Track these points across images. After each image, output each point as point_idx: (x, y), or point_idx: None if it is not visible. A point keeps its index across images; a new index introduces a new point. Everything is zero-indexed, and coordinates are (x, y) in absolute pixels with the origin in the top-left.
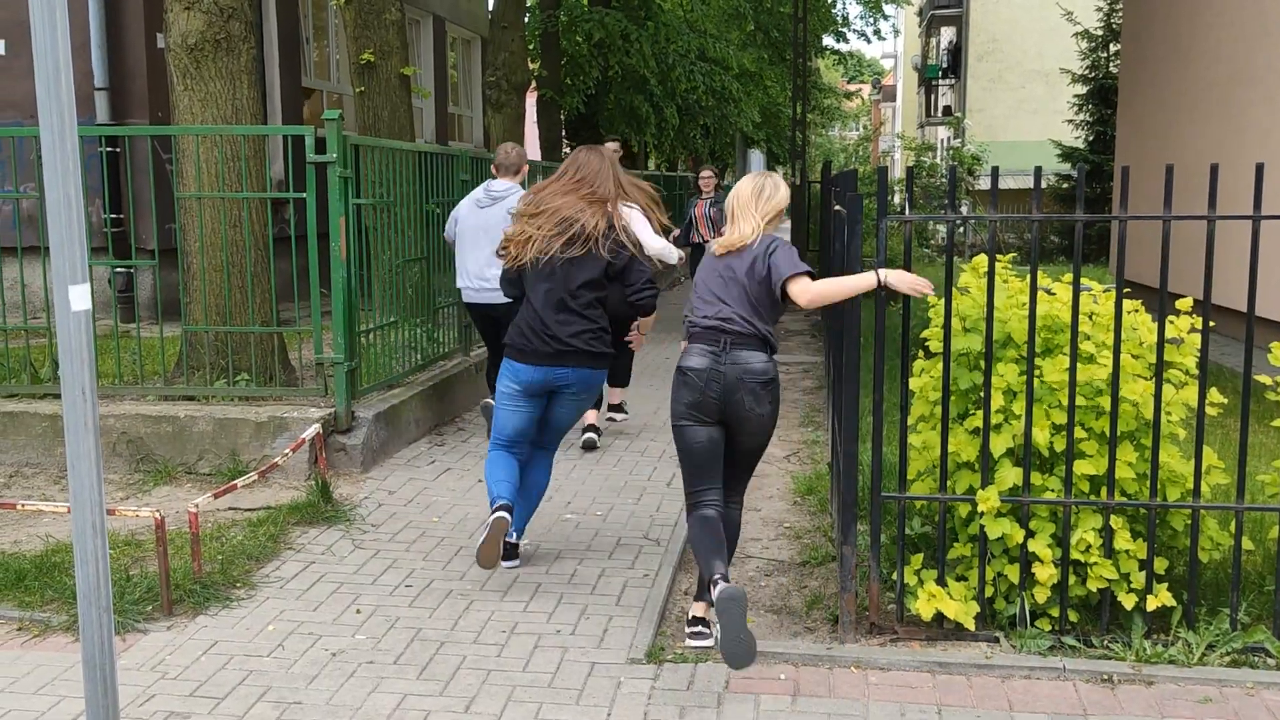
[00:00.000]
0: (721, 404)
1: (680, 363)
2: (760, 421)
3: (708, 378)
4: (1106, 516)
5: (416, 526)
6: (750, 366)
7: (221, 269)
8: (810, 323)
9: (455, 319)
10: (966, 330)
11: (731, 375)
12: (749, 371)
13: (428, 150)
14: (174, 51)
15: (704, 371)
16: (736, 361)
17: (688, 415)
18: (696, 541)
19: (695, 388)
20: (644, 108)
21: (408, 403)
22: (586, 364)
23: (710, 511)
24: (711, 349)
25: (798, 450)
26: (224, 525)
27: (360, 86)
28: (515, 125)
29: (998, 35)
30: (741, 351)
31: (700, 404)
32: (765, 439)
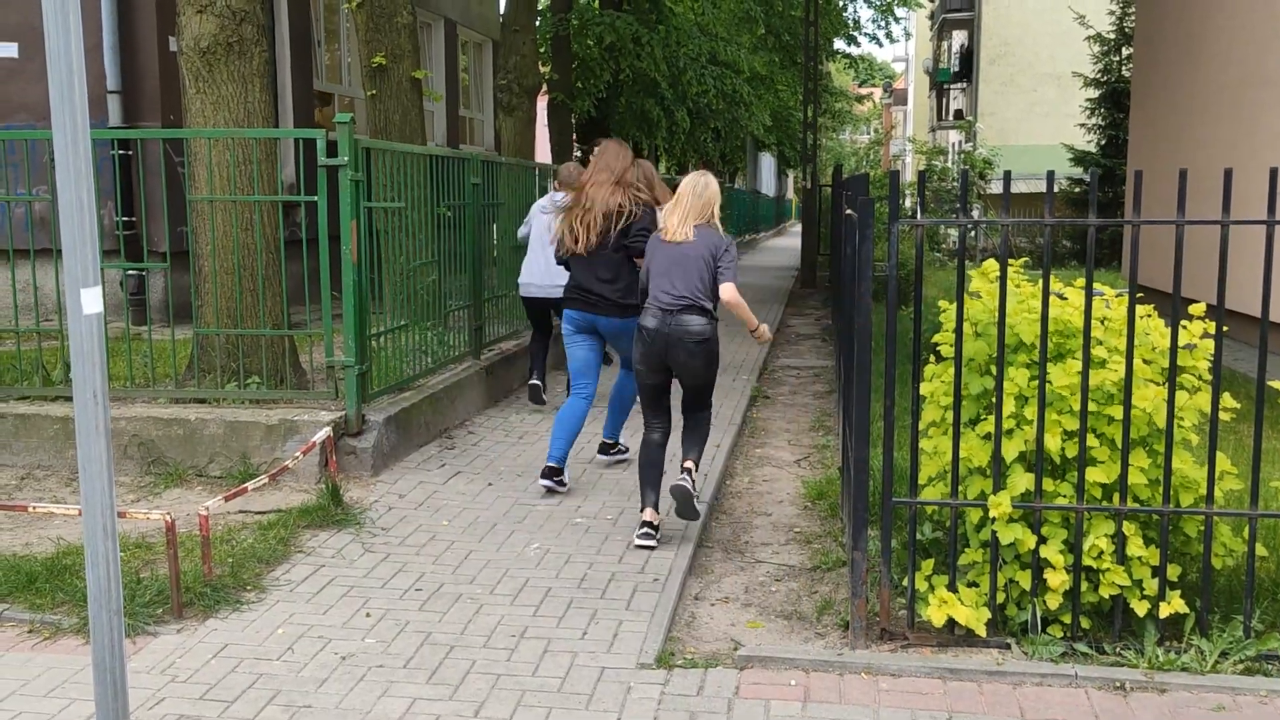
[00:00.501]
0: (664, 356)
1: (640, 321)
2: (695, 370)
3: (654, 336)
4: (1119, 523)
5: (427, 530)
6: (690, 328)
7: (233, 271)
8: (821, 326)
9: (466, 322)
10: (977, 335)
11: (674, 335)
12: (688, 332)
13: (438, 153)
14: (186, 55)
15: (653, 331)
16: (680, 324)
17: (641, 363)
18: (641, 461)
19: (646, 343)
20: (655, 111)
21: (418, 406)
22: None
23: (656, 436)
24: (663, 314)
25: (808, 455)
26: (234, 528)
27: (372, 90)
28: (526, 128)
29: (1009, 39)
30: (684, 315)
31: (647, 355)
32: (704, 382)
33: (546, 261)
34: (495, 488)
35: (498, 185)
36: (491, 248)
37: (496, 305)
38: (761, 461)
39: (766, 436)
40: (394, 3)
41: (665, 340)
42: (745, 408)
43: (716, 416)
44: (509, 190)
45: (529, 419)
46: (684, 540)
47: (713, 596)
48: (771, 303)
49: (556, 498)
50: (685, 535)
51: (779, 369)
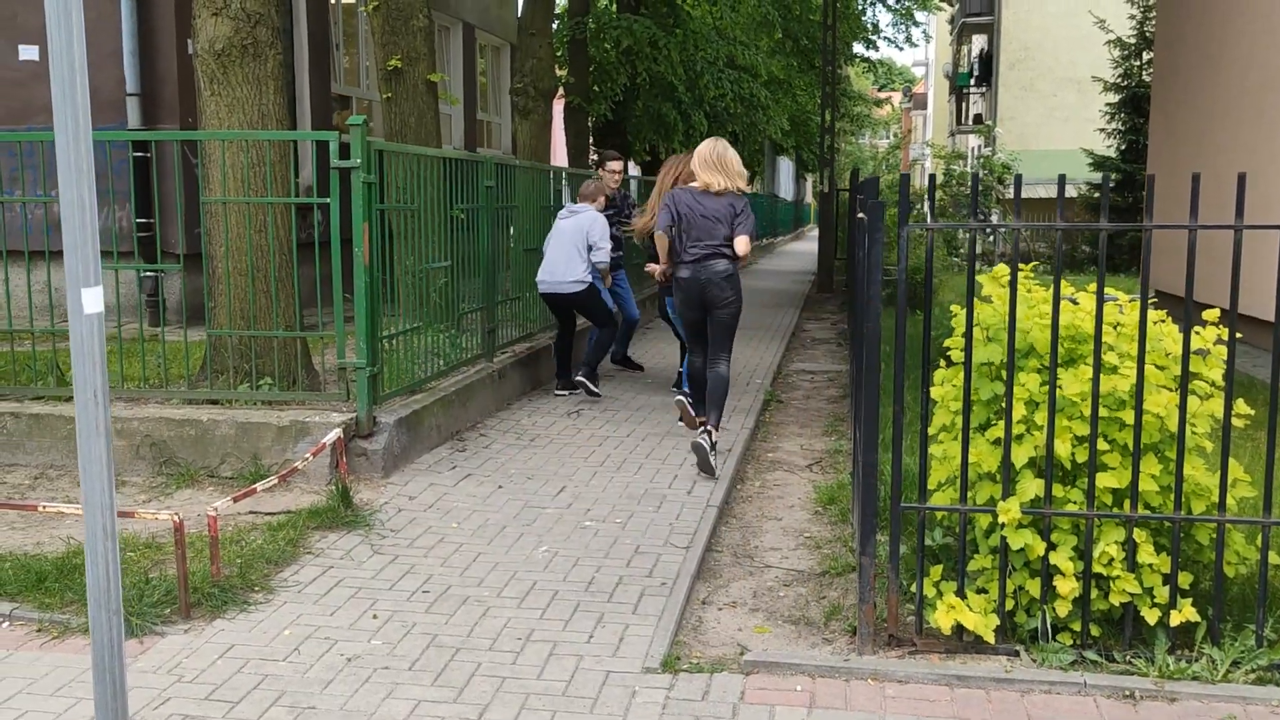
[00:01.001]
0: (702, 296)
1: (676, 274)
2: (726, 303)
3: (690, 282)
4: (1130, 530)
5: (436, 532)
6: (717, 269)
7: (246, 273)
8: (837, 331)
9: (479, 325)
10: (988, 340)
11: (704, 277)
12: (716, 273)
13: (452, 156)
14: (201, 57)
15: (690, 280)
16: (709, 270)
17: (685, 306)
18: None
19: (685, 289)
20: (672, 115)
21: (430, 408)
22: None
23: (697, 361)
24: (695, 265)
25: (820, 459)
26: (244, 529)
27: (388, 93)
28: (543, 132)
29: (1029, 43)
30: (711, 262)
31: (688, 300)
32: (731, 315)
33: (554, 260)
34: (506, 490)
35: (513, 188)
36: (506, 250)
37: (510, 308)
38: (773, 465)
39: (779, 440)
40: (410, 5)
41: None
42: (758, 411)
43: (728, 420)
44: (524, 193)
45: (540, 421)
46: (692, 544)
47: (720, 601)
48: (788, 307)
49: (566, 500)
50: (694, 540)
51: (793, 374)
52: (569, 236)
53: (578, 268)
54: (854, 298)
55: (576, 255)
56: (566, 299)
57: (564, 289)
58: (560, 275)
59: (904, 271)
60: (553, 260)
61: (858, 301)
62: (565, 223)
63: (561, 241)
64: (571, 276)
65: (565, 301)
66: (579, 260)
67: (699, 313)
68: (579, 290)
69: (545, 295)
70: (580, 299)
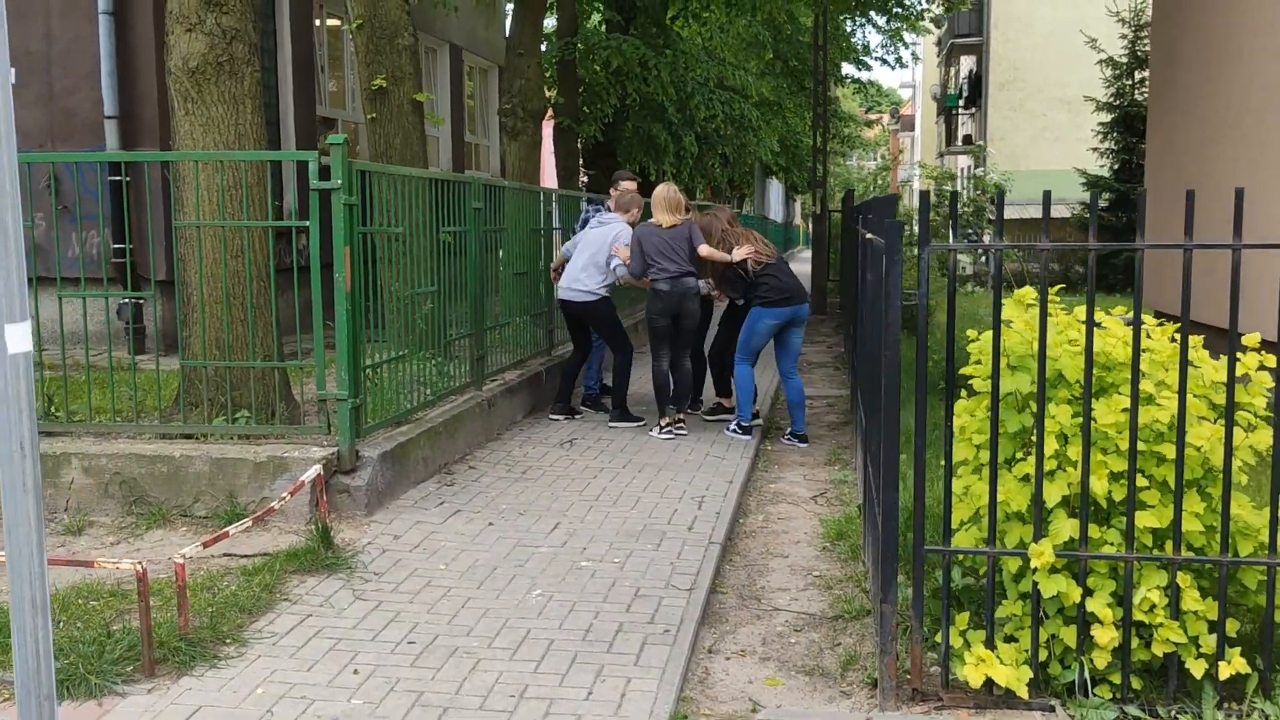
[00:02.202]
0: (677, 306)
1: (656, 287)
2: (693, 312)
3: (669, 294)
4: (1172, 573)
5: (422, 575)
6: (689, 285)
7: (222, 301)
8: (833, 354)
9: (468, 352)
10: (1012, 368)
11: (680, 291)
12: (689, 289)
13: (438, 177)
14: (175, 75)
15: (669, 293)
16: (684, 285)
17: (660, 314)
18: (655, 380)
19: (665, 299)
20: (662, 136)
21: (416, 441)
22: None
23: (664, 365)
24: (672, 280)
25: (825, 491)
26: (217, 573)
27: (372, 113)
28: (532, 153)
29: (1019, 63)
30: (685, 279)
31: (665, 309)
32: (697, 324)
33: (574, 268)
34: (496, 528)
35: (502, 210)
36: (495, 274)
37: (500, 334)
38: (776, 498)
39: (781, 470)
40: (395, 24)
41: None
42: (758, 441)
43: (728, 450)
44: (513, 215)
45: (532, 452)
46: (696, 586)
47: (728, 649)
48: None
49: (560, 538)
50: (697, 581)
51: None
52: (593, 247)
53: (594, 279)
54: (854, 321)
55: (595, 267)
56: (577, 309)
57: (576, 298)
58: (575, 284)
59: (925, 295)
60: (573, 268)
61: (859, 325)
62: (593, 233)
63: (585, 251)
64: (585, 287)
65: (577, 312)
66: (597, 272)
67: (670, 320)
68: (590, 301)
69: (561, 304)
70: (591, 312)
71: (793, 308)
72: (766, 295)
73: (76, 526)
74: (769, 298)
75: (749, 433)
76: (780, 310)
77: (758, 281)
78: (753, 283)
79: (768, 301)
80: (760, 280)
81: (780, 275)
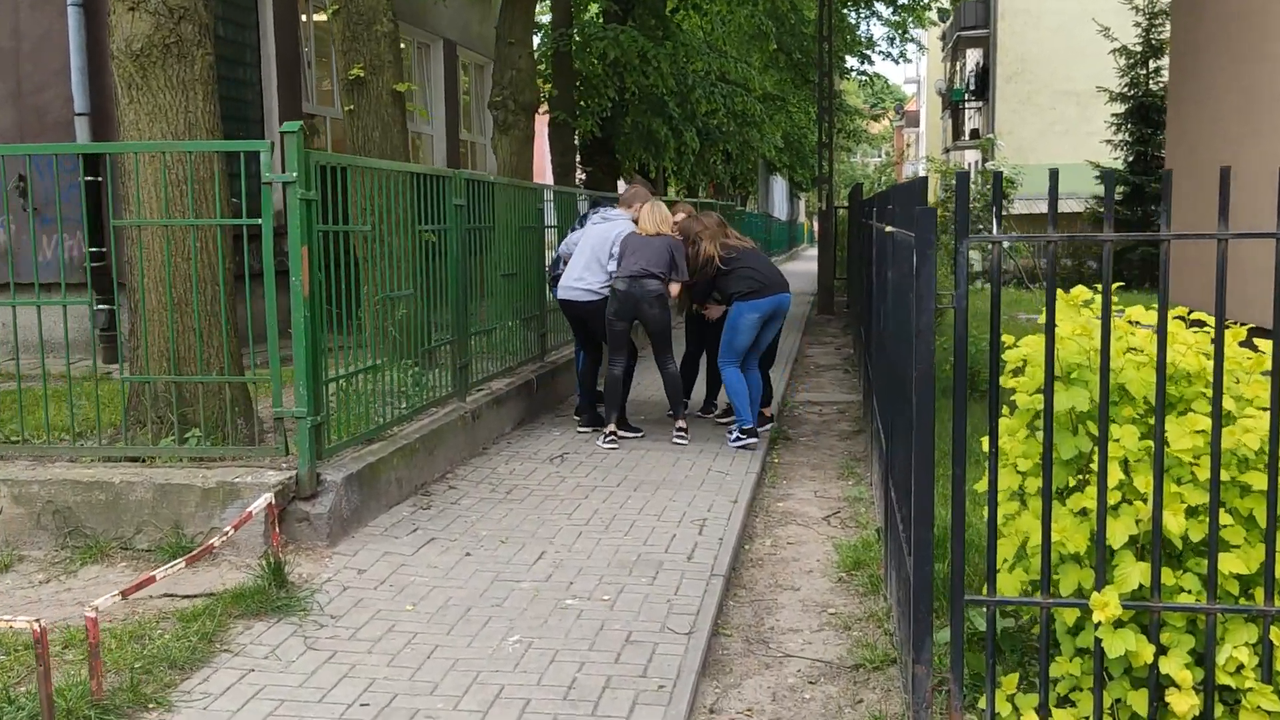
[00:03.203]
0: (634, 309)
1: (614, 286)
2: (654, 317)
3: (625, 295)
4: (1264, 627)
5: (385, 618)
6: (648, 288)
7: (173, 308)
8: (842, 356)
9: (450, 359)
10: (1067, 381)
11: (636, 294)
12: (647, 290)
13: (413, 170)
14: (118, 59)
15: (625, 294)
16: (643, 287)
17: (616, 315)
18: (609, 387)
19: (620, 299)
20: (662, 131)
21: (388, 460)
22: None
23: (618, 371)
24: (629, 280)
25: (838, 509)
26: (151, 620)
27: (349, 104)
28: (524, 148)
29: (1026, 56)
30: (645, 280)
31: (620, 310)
32: (660, 327)
33: (575, 264)
34: (474, 558)
35: (492, 207)
36: (480, 276)
37: (487, 340)
38: (785, 518)
39: (789, 486)
40: (373, 9)
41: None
42: (764, 451)
43: (732, 464)
44: (501, 213)
45: (519, 469)
46: (696, 628)
47: (732, 708)
48: (788, 331)
49: (544, 570)
50: (697, 622)
51: (799, 405)
52: (595, 243)
53: (598, 277)
54: (864, 321)
55: (598, 264)
56: (579, 308)
57: (579, 298)
58: (579, 283)
59: (964, 297)
60: (575, 267)
61: (875, 326)
62: (596, 228)
63: (586, 247)
64: (588, 286)
65: (578, 311)
66: (600, 270)
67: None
68: (591, 301)
69: (562, 304)
70: (591, 312)
71: (773, 297)
72: (744, 288)
73: (3, 563)
74: (746, 289)
75: (755, 436)
76: (761, 302)
77: (732, 274)
78: (726, 275)
79: (746, 294)
80: (734, 272)
81: (755, 264)
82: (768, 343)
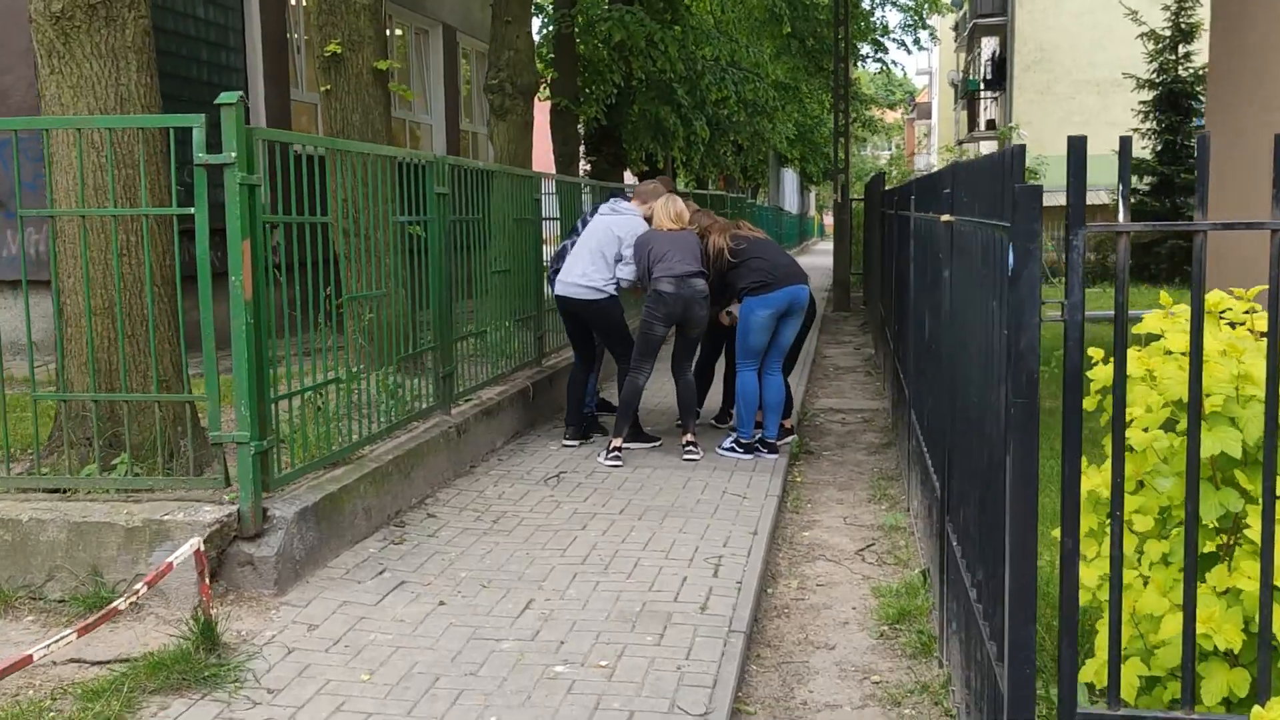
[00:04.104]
0: (683, 312)
1: (658, 288)
2: (701, 319)
3: (674, 297)
4: None
5: (334, 691)
6: (697, 288)
7: (101, 312)
8: (862, 357)
9: (433, 368)
10: (1210, 419)
11: (687, 295)
12: (697, 291)
13: (384, 154)
14: (36, 24)
15: (674, 295)
16: (692, 287)
17: (661, 320)
18: (625, 397)
19: (669, 302)
20: (671, 119)
21: (353, 488)
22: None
23: (642, 381)
24: (677, 281)
25: (872, 541)
26: (45, 698)
27: (326, 84)
28: (522, 134)
29: (1046, 44)
30: (694, 280)
31: (668, 315)
32: (702, 331)
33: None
34: (449, 609)
35: (483, 197)
36: (467, 274)
37: (477, 344)
38: (812, 552)
39: (814, 511)
40: None
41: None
42: (784, 468)
43: (749, 484)
44: (495, 204)
45: (509, 492)
46: (712, 710)
47: None
48: None
49: (531, 625)
50: (714, 702)
51: (819, 412)
52: (600, 236)
53: (602, 273)
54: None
55: (603, 260)
56: (579, 307)
57: (577, 294)
58: (576, 277)
59: (1080, 306)
60: (577, 261)
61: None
62: (604, 219)
63: (591, 239)
64: (591, 282)
65: (578, 310)
66: (604, 266)
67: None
68: (595, 299)
69: (559, 301)
70: (595, 312)
71: (787, 289)
72: (754, 281)
73: None
74: (757, 283)
75: (751, 452)
76: (773, 296)
77: (741, 267)
78: (735, 269)
79: (756, 288)
80: (743, 264)
81: (765, 254)
82: (789, 341)
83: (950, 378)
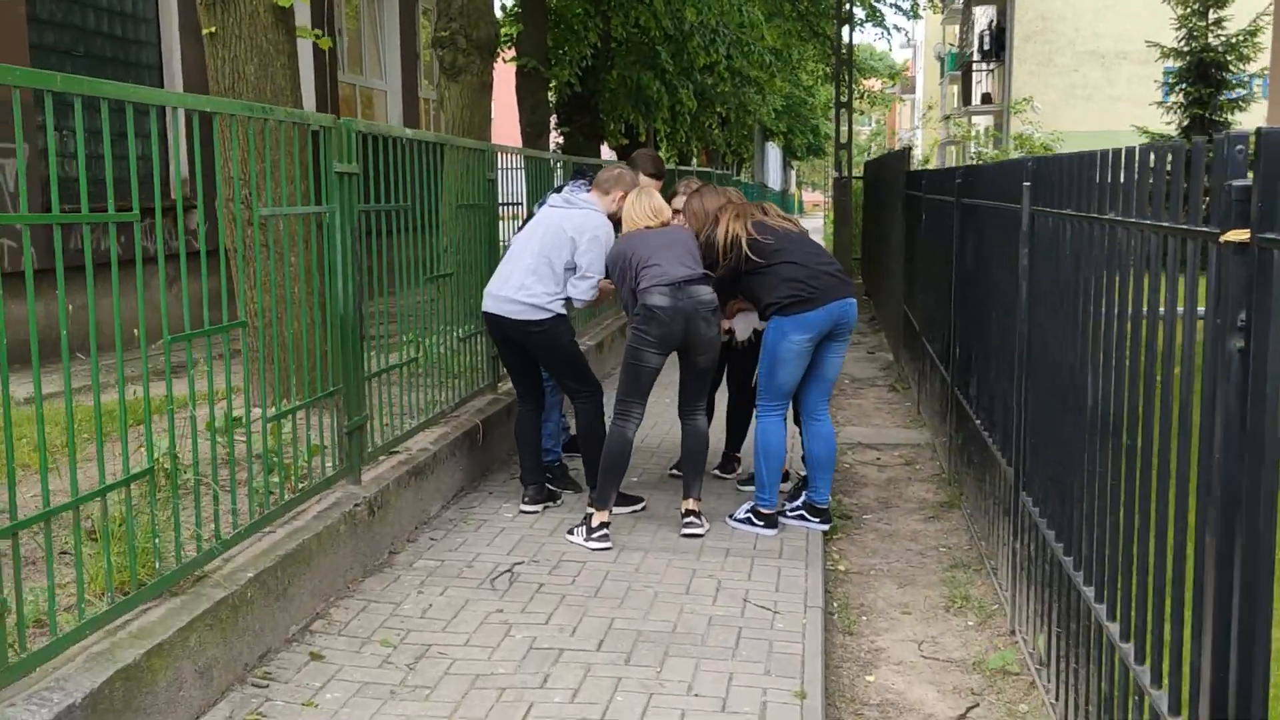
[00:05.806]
0: (683, 332)
1: (649, 302)
2: (710, 341)
3: (671, 312)
4: None
5: None
6: (701, 298)
7: None
8: (878, 364)
9: (333, 421)
10: None
11: (686, 309)
12: (701, 301)
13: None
14: None
15: (671, 310)
16: (694, 297)
17: (653, 345)
18: (611, 455)
19: (664, 319)
20: (654, 86)
21: (175, 643)
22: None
23: (630, 432)
24: (672, 290)
25: (974, 685)
26: None
27: (210, 27)
28: (479, 99)
29: (1047, 13)
30: (694, 288)
31: (663, 337)
32: (715, 358)
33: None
34: None
35: (406, 177)
36: (383, 281)
37: (410, 370)
38: (885, 708)
39: (873, 629)
40: None
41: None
42: (820, 548)
43: (778, 584)
44: (428, 186)
45: (440, 602)
46: None
47: None
48: None
49: None
50: None
51: (847, 448)
52: (546, 237)
53: (546, 286)
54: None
55: (549, 268)
56: (515, 331)
57: (512, 312)
58: (512, 291)
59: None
60: (514, 268)
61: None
62: (553, 213)
63: (534, 242)
64: (531, 298)
65: (513, 336)
66: (550, 277)
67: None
68: (535, 320)
69: (487, 318)
70: (538, 338)
71: (832, 306)
72: (787, 296)
73: None
74: (791, 298)
75: (773, 526)
76: (813, 316)
77: (767, 273)
78: (758, 275)
79: (788, 304)
80: (770, 270)
81: (801, 258)
82: (836, 373)
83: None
